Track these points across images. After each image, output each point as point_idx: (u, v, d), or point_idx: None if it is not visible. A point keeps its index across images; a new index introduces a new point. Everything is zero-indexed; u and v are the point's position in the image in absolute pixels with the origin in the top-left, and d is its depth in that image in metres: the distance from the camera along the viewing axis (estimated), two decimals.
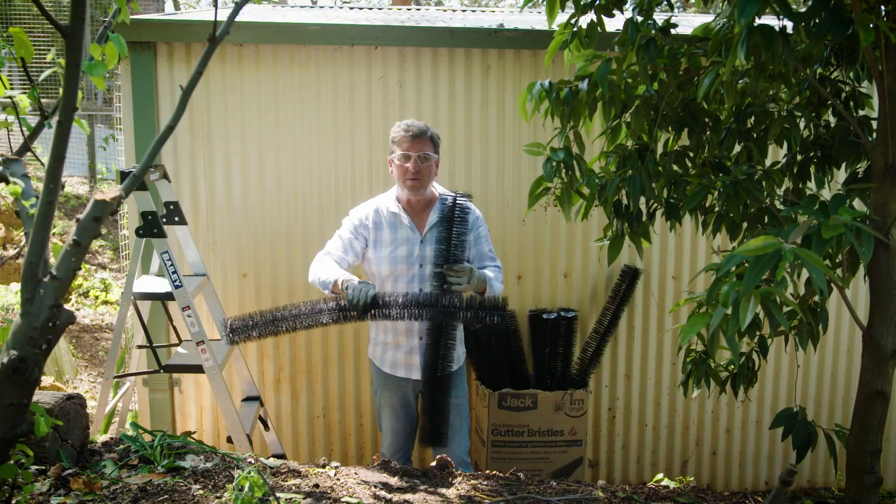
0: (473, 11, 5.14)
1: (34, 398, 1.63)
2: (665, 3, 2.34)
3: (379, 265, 2.73)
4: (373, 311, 2.44)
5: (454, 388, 2.81)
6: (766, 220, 2.15)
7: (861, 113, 2.22)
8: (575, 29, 2.13)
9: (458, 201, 2.59)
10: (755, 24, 1.60)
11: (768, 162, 2.30)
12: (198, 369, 2.81)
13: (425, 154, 2.65)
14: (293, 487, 1.94)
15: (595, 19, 2.12)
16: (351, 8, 4.80)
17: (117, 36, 1.60)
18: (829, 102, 2.17)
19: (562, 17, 2.15)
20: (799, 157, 2.29)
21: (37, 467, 1.83)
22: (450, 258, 2.55)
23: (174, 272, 2.72)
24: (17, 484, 1.67)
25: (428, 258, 2.69)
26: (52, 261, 1.52)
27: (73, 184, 9.51)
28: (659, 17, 2.15)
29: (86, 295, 7.19)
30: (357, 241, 2.74)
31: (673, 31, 2.07)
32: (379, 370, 2.85)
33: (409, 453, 2.95)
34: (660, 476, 3.33)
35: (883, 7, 1.84)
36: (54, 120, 1.45)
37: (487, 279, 2.62)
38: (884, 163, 1.86)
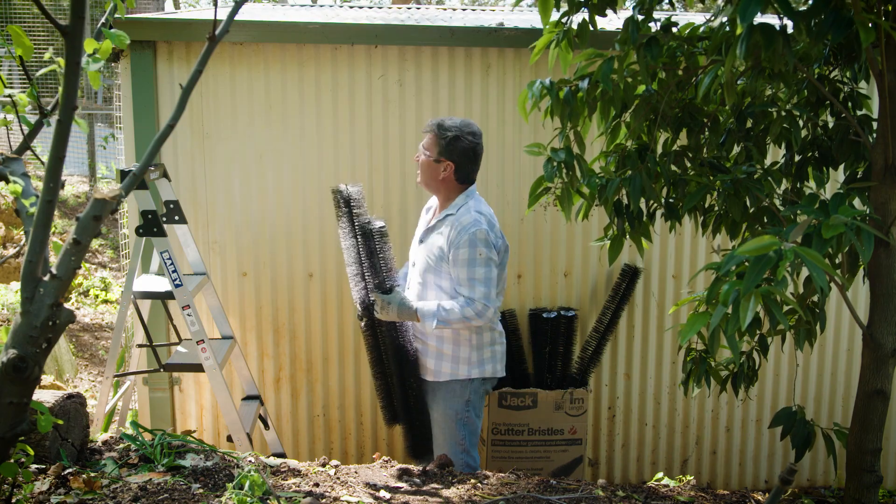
0: (473, 10, 5.13)
1: (34, 397, 1.63)
2: (666, 2, 2.34)
3: None
4: (370, 313, 2.61)
5: (432, 402, 2.68)
6: (766, 220, 2.15)
7: (860, 112, 2.22)
8: (566, 28, 2.13)
9: (344, 192, 2.60)
10: (755, 23, 1.60)
11: (768, 162, 2.30)
12: (198, 368, 2.81)
13: (421, 147, 2.69)
14: (293, 486, 1.95)
15: (587, 18, 2.12)
16: (351, 7, 4.79)
17: (116, 33, 1.60)
18: (828, 102, 2.17)
19: (556, 17, 2.15)
20: (797, 158, 2.29)
21: (37, 466, 1.83)
22: (378, 282, 2.57)
23: (174, 271, 2.72)
24: (18, 482, 1.67)
25: (414, 260, 2.76)
26: (52, 259, 1.52)
27: (73, 183, 9.51)
28: (658, 17, 2.15)
29: (86, 294, 7.18)
30: None
31: (673, 30, 2.07)
32: None
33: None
34: (660, 475, 3.33)
35: (883, 7, 1.83)
36: (54, 118, 1.45)
37: (418, 310, 2.52)
38: (884, 162, 1.86)
